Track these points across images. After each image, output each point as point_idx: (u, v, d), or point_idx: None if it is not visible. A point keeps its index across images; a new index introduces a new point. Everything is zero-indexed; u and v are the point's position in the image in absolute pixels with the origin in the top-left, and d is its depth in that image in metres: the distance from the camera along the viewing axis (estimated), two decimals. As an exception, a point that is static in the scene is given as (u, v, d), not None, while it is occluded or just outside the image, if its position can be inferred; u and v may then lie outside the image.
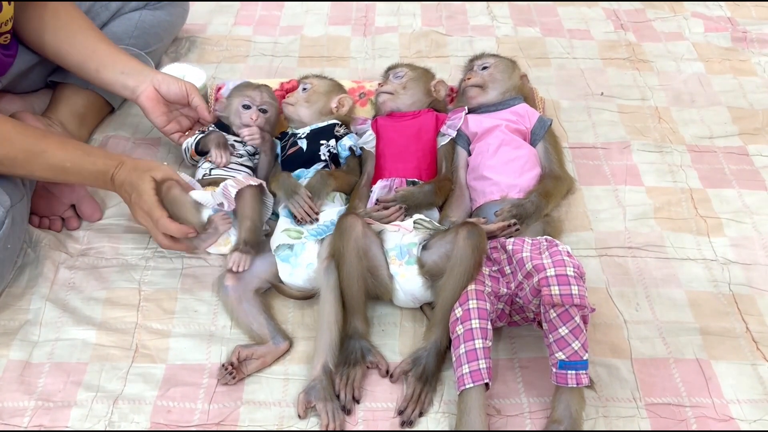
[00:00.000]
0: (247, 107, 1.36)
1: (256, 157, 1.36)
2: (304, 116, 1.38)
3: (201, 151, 1.35)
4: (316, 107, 1.39)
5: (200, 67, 1.57)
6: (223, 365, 1.08)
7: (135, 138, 1.52)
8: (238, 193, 1.21)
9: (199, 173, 1.33)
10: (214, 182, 1.27)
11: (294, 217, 1.22)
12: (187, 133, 1.39)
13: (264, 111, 1.37)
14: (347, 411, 1.04)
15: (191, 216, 1.21)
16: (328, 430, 1.01)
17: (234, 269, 1.17)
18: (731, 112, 1.61)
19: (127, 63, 1.35)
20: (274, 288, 1.21)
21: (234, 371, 1.07)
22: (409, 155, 1.33)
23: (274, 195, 1.28)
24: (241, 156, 1.34)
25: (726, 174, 1.45)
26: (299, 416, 1.03)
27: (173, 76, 1.39)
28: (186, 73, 1.53)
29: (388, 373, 1.09)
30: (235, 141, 1.35)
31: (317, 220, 1.21)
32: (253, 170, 1.35)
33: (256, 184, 1.25)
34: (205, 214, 1.23)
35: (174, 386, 1.07)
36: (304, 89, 1.41)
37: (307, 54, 1.82)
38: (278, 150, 1.38)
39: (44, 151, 1.15)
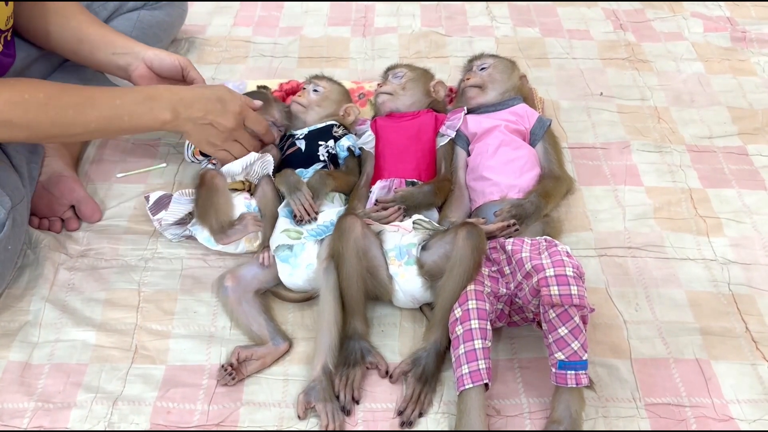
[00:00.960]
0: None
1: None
2: (311, 119, 1.39)
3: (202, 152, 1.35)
4: (324, 112, 1.40)
5: (198, 69, 1.57)
6: (222, 366, 1.08)
7: (134, 139, 1.52)
8: (264, 192, 1.26)
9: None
10: None
11: (293, 217, 1.22)
12: None
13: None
14: (347, 412, 1.04)
15: (225, 205, 1.22)
16: (328, 430, 1.01)
17: (264, 264, 1.20)
18: (731, 112, 1.61)
19: (118, 42, 1.33)
20: (272, 294, 1.21)
21: (234, 372, 1.07)
22: (409, 156, 1.33)
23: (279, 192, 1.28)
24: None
25: (726, 174, 1.45)
26: (299, 417, 1.03)
27: (166, 51, 1.37)
28: None
29: (387, 374, 1.09)
30: None
31: (316, 219, 1.21)
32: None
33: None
34: (238, 210, 1.25)
35: (174, 387, 1.07)
36: (316, 91, 1.41)
37: (307, 55, 1.82)
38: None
39: (91, 97, 1.14)
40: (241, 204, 1.25)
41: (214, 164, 1.31)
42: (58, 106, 1.12)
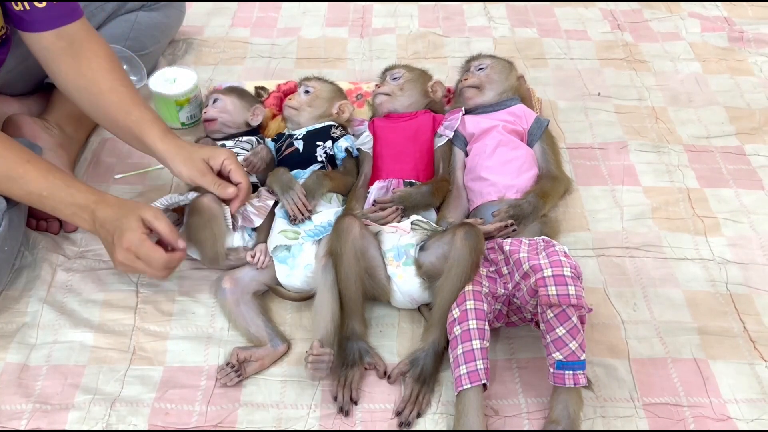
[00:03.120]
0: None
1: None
2: (304, 120, 1.39)
3: None
4: (318, 112, 1.40)
5: (194, 70, 1.57)
6: (226, 364, 1.08)
7: (132, 140, 1.52)
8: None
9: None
10: None
11: (289, 217, 1.22)
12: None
13: (216, 101, 1.42)
14: (345, 412, 1.04)
15: (221, 236, 1.19)
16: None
17: (257, 266, 1.19)
18: (728, 112, 1.62)
19: (148, 142, 1.21)
20: (271, 291, 1.21)
21: (239, 369, 1.07)
22: (407, 156, 1.33)
23: (271, 191, 1.27)
24: (237, 155, 1.34)
25: (723, 174, 1.45)
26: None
27: (181, 161, 1.20)
28: (178, 76, 1.53)
29: (386, 375, 1.09)
30: (225, 143, 1.36)
31: (309, 218, 1.21)
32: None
33: (272, 202, 1.25)
34: (235, 239, 1.22)
35: (172, 388, 1.07)
36: (307, 92, 1.41)
37: (305, 55, 1.82)
38: (273, 152, 1.37)
39: (22, 177, 1.10)
40: (237, 236, 1.23)
41: None
42: None
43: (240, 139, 1.38)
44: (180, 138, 1.23)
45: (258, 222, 1.22)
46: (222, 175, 1.21)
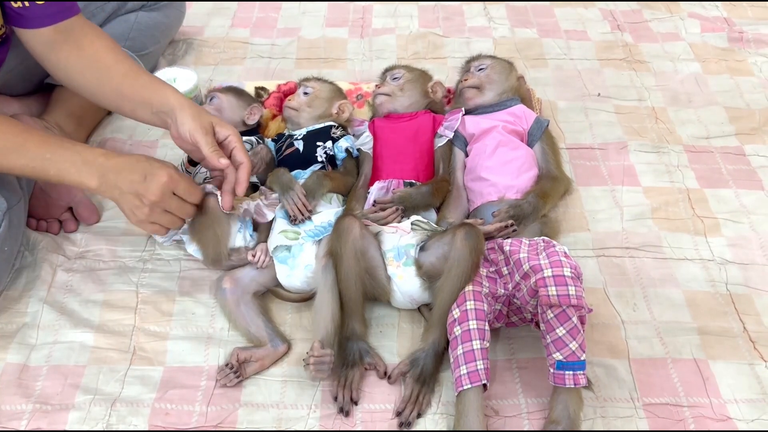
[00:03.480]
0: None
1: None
2: (304, 120, 1.39)
3: (193, 161, 1.35)
4: (318, 112, 1.40)
5: (194, 70, 1.57)
6: (226, 364, 1.08)
7: (132, 140, 1.52)
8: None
9: (199, 178, 1.33)
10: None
11: (289, 217, 1.22)
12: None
13: (212, 99, 1.42)
14: (345, 413, 1.04)
15: (225, 237, 1.20)
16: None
17: (258, 265, 1.19)
18: (728, 112, 1.62)
19: (155, 101, 1.20)
20: (271, 293, 1.21)
21: (238, 369, 1.07)
22: (407, 156, 1.33)
23: (272, 190, 1.27)
24: None
25: (723, 174, 1.45)
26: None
27: (190, 115, 1.18)
28: (177, 76, 1.53)
29: (386, 375, 1.09)
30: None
31: (310, 218, 1.21)
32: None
33: (277, 197, 1.25)
34: (237, 240, 1.23)
35: (172, 388, 1.07)
36: (306, 93, 1.41)
37: (305, 56, 1.82)
38: (273, 152, 1.38)
39: (22, 145, 1.09)
40: (240, 236, 1.23)
41: (209, 178, 1.32)
42: None
43: None
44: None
45: (270, 216, 1.23)
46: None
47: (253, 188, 1.32)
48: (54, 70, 1.26)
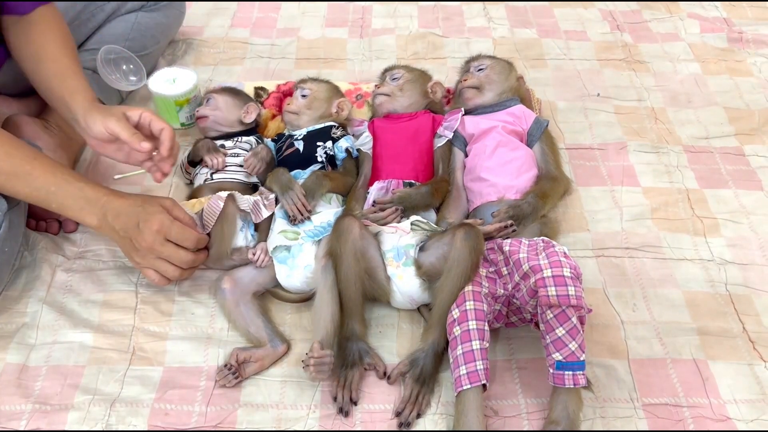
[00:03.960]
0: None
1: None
2: (305, 123, 1.39)
3: (193, 162, 1.35)
4: (318, 113, 1.40)
5: (194, 70, 1.57)
6: (224, 365, 1.08)
7: (132, 140, 1.52)
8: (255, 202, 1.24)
9: (200, 179, 1.33)
10: (220, 187, 1.27)
11: (288, 217, 1.22)
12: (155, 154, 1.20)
13: (209, 100, 1.43)
14: (345, 413, 1.04)
15: (230, 236, 1.20)
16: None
17: (258, 265, 1.19)
18: (727, 113, 1.62)
19: (75, 107, 1.18)
20: (270, 294, 1.21)
21: (237, 370, 1.07)
22: (406, 157, 1.33)
23: (271, 190, 1.27)
24: (237, 155, 1.34)
25: (722, 174, 1.45)
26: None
27: (98, 112, 1.16)
28: (177, 76, 1.53)
29: (385, 375, 1.09)
30: (224, 143, 1.36)
31: (309, 218, 1.21)
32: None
33: (274, 197, 1.26)
34: (239, 239, 1.23)
35: (171, 389, 1.07)
36: (304, 96, 1.41)
37: (304, 56, 1.82)
38: (273, 152, 1.38)
39: (29, 173, 1.09)
40: (241, 236, 1.23)
41: (209, 168, 1.32)
42: None
43: (239, 139, 1.38)
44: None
45: (266, 214, 1.23)
46: (145, 133, 1.17)
47: (252, 189, 1.32)
48: (10, 49, 1.29)
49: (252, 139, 1.39)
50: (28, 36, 1.25)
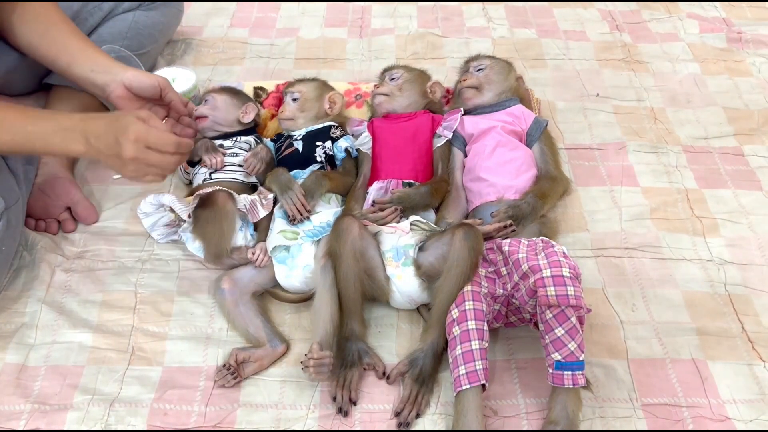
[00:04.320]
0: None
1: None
2: (302, 125, 1.39)
3: (192, 162, 1.35)
4: (311, 114, 1.40)
5: (193, 70, 1.57)
6: (223, 365, 1.08)
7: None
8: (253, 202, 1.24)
9: (199, 179, 1.33)
10: (219, 185, 1.27)
11: (287, 217, 1.22)
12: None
13: (207, 100, 1.41)
14: (344, 413, 1.04)
15: (230, 233, 1.20)
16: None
17: (257, 264, 1.19)
18: (727, 113, 1.62)
19: (98, 60, 1.27)
20: (269, 294, 1.21)
21: (236, 371, 1.07)
22: (406, 157, 1.33)
23: (270, 190, 1.27)
24: (236, 155, 1.34)
25: (722, 174, 1.45)
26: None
27: (145, 71, 1.31)
28: (177, 76, 1.53)
29: (384, 375, 1.09)
30: (223, 143, 1.36)
31: (308, 218, 1.21)
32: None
33: (272, 197, 1.27)
34: (239, 239, 1.23)
35: (171, 389, 1.07)
36: (294, 100, 1.40)
37: (304, 56, 1.82)
38: (273, 152, 1.37)
39: (2, 120, 1.09)
40: (240, 235, 1.24)
41: (207, 168, 1.32)
42: None
43: (238, 139, 1.38)
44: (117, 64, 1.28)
45: (262, 213, 1.23)
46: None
47: (252, 189, 1.32)
48: (13, 33, 1.30)
49: (251, 138, 1.39)
50: (35, 11, 1.27)
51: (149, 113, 1.13)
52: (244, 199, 1.23)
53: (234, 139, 1.38)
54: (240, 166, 1.33)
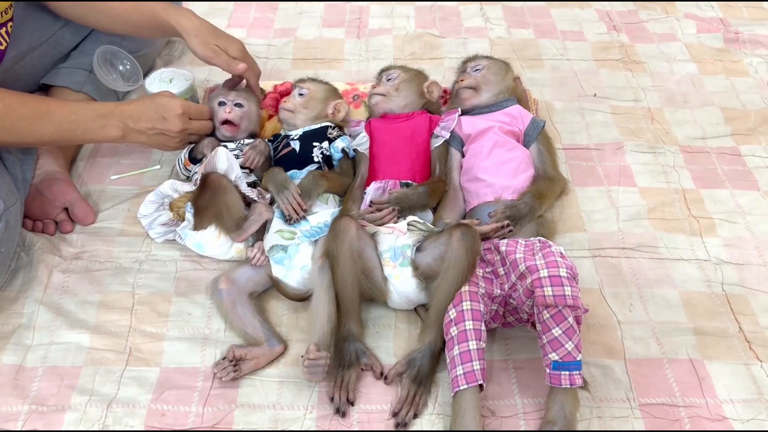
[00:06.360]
0: (221, 104, 1.37)
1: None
2: (300, 122, 1.39)
3: (194, 159, 1.35)
4: (314, 113, 1.40)
5: (190, 71, 1.57)
6: (224, 358, 1.08)
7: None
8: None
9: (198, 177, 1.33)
10: None
11: (284, 216, 1.22)
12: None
13: (239, 105, 1.37)
14: (342, 413, 1.04)
15: (236, 201, 1.22)
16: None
17: (255, 263, 1.20)
18: (724, 113, 1.62)
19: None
20: (273, 285, 1.21)
21: (237, 363, 1.07)
22: (403, 157, 1.33)
23: (267, 190, 1.27)
24: (238, 157, 1.34)
25: (719, 174, 1.46)
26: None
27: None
28: (174, 76, 1.53)
29: (382, 375, 1.09)
30: (226, 143, 1.36)
31: (305, 218, 1.21)
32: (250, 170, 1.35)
33: (270, 196, 1.28)
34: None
35: (168, 389, 1.07)
36: (301, 95, 1.41)
37: (301, 56, 1.82)
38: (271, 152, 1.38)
39: (47, 111, 1.18)
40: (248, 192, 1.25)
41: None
42: (15, 117, 1.16)
43: (242, 141, 1.38)
44: (197, 16, 1.37)
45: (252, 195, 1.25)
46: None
47: (252, 187, 1.32)
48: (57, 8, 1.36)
49: (255, 141, 1.38)
50: None
51: (171, 93, 1.29)
52: (250, 191, 1.25)
53: (238, 141, 1.38)
54: (242, 167, 1.33)
